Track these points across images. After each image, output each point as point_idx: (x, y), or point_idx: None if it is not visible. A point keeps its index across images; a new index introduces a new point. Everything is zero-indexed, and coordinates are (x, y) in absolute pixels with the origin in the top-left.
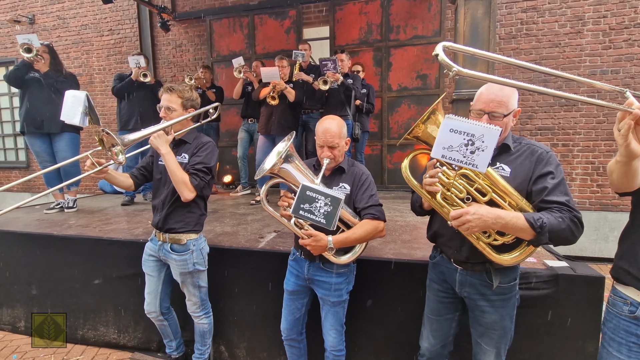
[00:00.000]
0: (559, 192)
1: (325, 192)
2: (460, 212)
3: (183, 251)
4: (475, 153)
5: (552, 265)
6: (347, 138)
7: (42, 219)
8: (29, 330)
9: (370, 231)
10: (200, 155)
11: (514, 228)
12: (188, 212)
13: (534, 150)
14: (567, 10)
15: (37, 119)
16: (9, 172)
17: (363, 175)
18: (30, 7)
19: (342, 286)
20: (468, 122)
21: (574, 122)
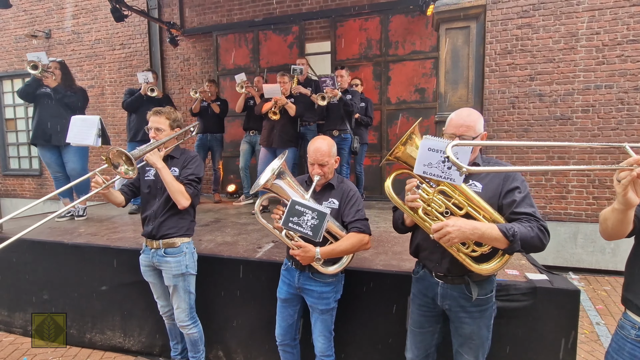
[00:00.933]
0: (526, 204)
1: (313, 207)
2: (441, 225)
3: (177, 253)
4: (451, 169)
5: (531, 278)
6: (336, 157)
7: (53, 226)
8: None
9: (355, 244)
10: (190, 167)
11: (489, 238)
12: (181, 219)
13: None
14: (561, 27)
15: (47, 132)
16: (23, 179)
17: (351, 191)
18: (47, 22)
19: (330, 295)
20: (443, 141)
21: (570, 136)
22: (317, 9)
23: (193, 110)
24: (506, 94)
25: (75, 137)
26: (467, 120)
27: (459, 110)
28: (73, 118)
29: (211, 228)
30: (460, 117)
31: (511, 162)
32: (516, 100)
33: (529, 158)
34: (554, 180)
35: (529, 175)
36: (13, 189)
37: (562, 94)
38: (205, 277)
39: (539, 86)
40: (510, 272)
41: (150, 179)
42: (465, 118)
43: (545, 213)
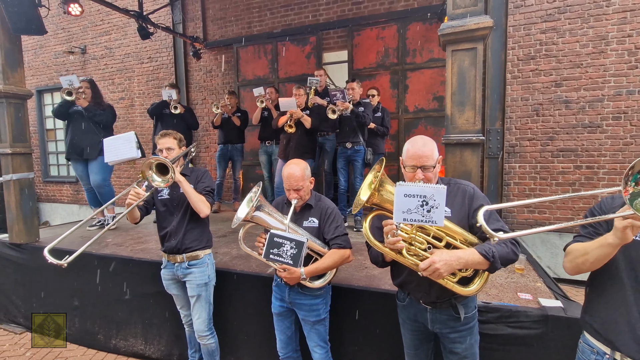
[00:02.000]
0: (493, 220)
1: (290, 237)
2: (428, 263)
3: (201, 264)
4: (431, 212)
5: (544, 305)
6: (310, 178)
7: (84, 235)
8: (72, 337)
9: (337, 260)
10: (204, 181)
11: (473, 263)
12: (201, 232)
13: (464, 189)
14: (589, 30)
15: (79, 147)
16: (61, 185)
17: (329, 209)
18: (82, 39)
19: (320, 306)
20: (418, 185)
21: (599, 144)
22: (334, 19)
23: (214, 123)
24: (529, 101)
25: (115, 156)
26: (425, 150)
27: (414, 139)
28: (105, 140)
29: (228, 240)
30: (417, 148)
31: (535, 171)
32: (540, 107)
33: (555, 168)
34: (583, 191)
35: (554, 185)
36: (52, 194)
37: (591, 101)
38: (220, 290)
39: (565, 92)
40: (523, 296)
41: (165, 198)
42: (422, 148)
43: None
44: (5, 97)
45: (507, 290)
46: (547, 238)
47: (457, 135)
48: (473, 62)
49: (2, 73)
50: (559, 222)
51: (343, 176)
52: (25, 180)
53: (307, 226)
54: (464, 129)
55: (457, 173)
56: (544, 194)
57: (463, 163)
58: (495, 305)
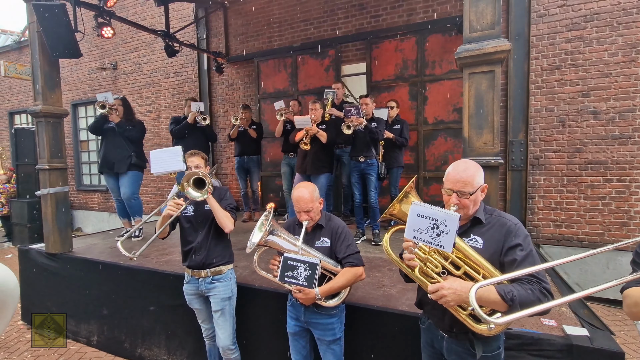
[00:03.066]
0: (528, 263)
1: (304, 259)
2: (436, 287)
3: (224, 279)
4: (440, 236)
5: (569, 333)
6: (320, 199)
7: (113, 246)
8: (101, 344)
9: (350, 278)
10: (227, 199)
11: (487, 301)
12: (224, 248)
13: (504, 223)
14: (618, 39)
15: (110, 161)
16: (93, 194)
17: (339, 228)
18: (113, 55)
19: (335, 325)
20: (432, 208)
21: (631, 156)
22: (352, 32)
23: (231, 136)
24: (554, 112)
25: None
26: (464, 175)
27: (456, 163)
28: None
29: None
30: (457, 172)
31: (561, 184)
32: (566, 118)
33: (583, 181)
34: (613, 205)
35: (582, 199)
36: (85, 202)
37: (621, 111)
38: (240, 304)
39: (593, 103)
40: (546, 322)
41: (190, 215)
42: (462, 173)
43: (602, 241)
44: (44, 117)
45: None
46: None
47: (474, 157)
48: (491, 85)
49: (42, 94)
50: (588, 237)
51: (357, 190)
52: (60, 193)
53: (319, 246)
54: (481, 152)
55: None
56: (570, 207)
57: None
58: (517, 332)
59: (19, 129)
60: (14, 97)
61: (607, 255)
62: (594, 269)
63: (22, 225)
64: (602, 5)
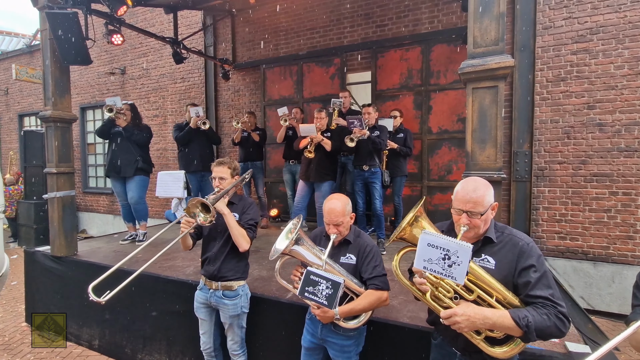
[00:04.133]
0: (542, 285)
1: (327, 276)
2: (449, 313)
3: (234, 296)
4: (452, 267)
5: (571, 350)
6: (351, 214)
7: (117, 250)
8: (102, 348)
9: (373, 301)
10: (249, 213)
11: (501, 327)
12: (238, 262)
13: (516, 243)
14: (624, 51)
15: (117, 165)
16: (98, 196)
17: (367, 246)
18: (122, 60)
19: (351, 348)
20: (443, 237)
21: (637, 169)
22: (358, 41)
23: (234, 140)
24: (560, 124)
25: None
26: (474, 196)
27: (466, 182)
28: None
29: (250, 259)
30: (466, 192)
31: (566, 196)
32: (571, 130)
33: (588, 193)
34: (619, 218)
35: (587, 211)
36: (90, 204)
37: (627, 124)
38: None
39: (599, 115)
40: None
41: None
42: (472, 194)
43: (608, 254)
44: (54, 122)
45: None
46: (580, 267)
47: (477, 172)
48: (494, 100)
49: (52, 100)
50: (593, 250)
51: (361, 198)
52: (67, 197)
53: (343, 262)
54: (484, 166)
55: None
56: (575, 219)
57: None
58: None
59: (28, 132)
60: (24, 100)
61: (613, 269)
62: (600, 283)
63: (29, 227)
64: (608, 18)
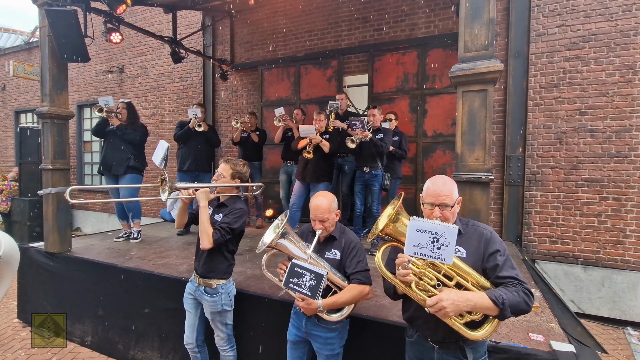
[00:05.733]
0: (508, 267)
1: (311, 269)
2: (435, 300)
3: (214, 294)
4: (441, 249)
5: (555, 349)
6: (337, 211)
7: (111, 247)
8: (94, 345)
9: (356, 295)
10: (229, 217)
11: (481, 307)
12: (219, 262)
13: (481, 232)
14: (616, 59)
15: (109, 163)
16: (94, 194)
17: (352, 243)
18: (120, 59)
19: (335, 341)
20: (430, 222)
21: (627, 175)
22: (355, 44)
23: (234, 139)
24: (552, 129)
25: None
26: (444, 190)
27: (434, 178)
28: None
29: (243, 258)
30: (437, 187)
31: (557, 201)
32: (564, 135)
33: (579, 198)
34: (609, 223)
35: (578, 216)
36: (85, 202)
37: (618, 130)
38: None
39: (590, 121)
40: (534, 337)
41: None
42: (442, 187)
43: (598, 258)
44: (50, 118)
45: (519, 329)
46: (571, 271)
47: (466, 173)
48: (483, 104)
49: (49, 96)
50: (583, 254)
51: (360, 199)
52: (62, 194)
53: (328, 257)
54: (473, 168)
55: (467, 210)
56: (567, 224)
57: (472, 201)
58: (504, 346)
59: (23, 128)
60: (21, 97)
61: (603, 274)
62: (589, 287)
63: (22, 223)
64: (600, 26)
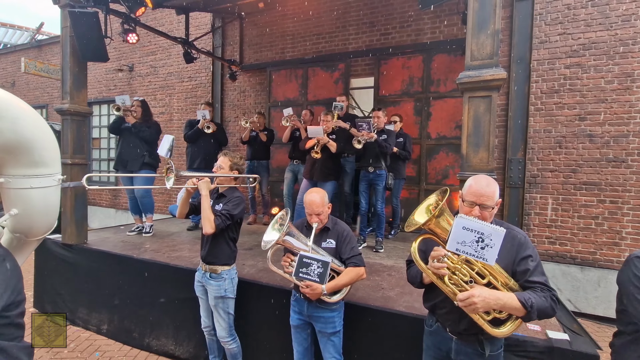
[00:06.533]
0: (539, 272)
1: (318, 258)
2: (467, 295)
3: (218, 278)
4: (485, 249)
5: (551, 337)
6: (329, 204)
7: (125, 240)
8: (110, 333)
9: (353, 277)
10: (228, 205)
11: (510, 307)
12: (222, 250)
13: (515, 236)
14: (615, 67)
15: (124, 159)
16: (102, 190)
17: (344, 232)
18: (131, 58)
19: (336, 319)
20: (478, 222)
21: (624, 179)
22: (362, 48)
23: (243, 139)
24: (552, 133)
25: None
26: (487, 190)
27: (478, 177)
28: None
29: (254, 253)
30: (481, 187)
31: (556, 203)
32: (563, 140)
33: (577, 200)
34: (606, 225)
35: (576, 218)
36: (93, 198)
37: (616, 136)
38: (247, 299)
39: (589, 126)
40: (532, 327)
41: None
42: (485, 188)
43: (595, 259)
44: (70, 115)
45: None
46: (568, 271)
47: (471, 173)
48: (488, 109)
49: (69, 94)
50: (581, 255)
51: (364, 199)
52: (79, 187)
53: (325, 247)
54: (477, 168)
55: None
56: (565, 225)
57: None
58: None
59: None
60: (31, 93)
61: (599, 274)
62: (586, 287)
63: None
64: (600, 35)
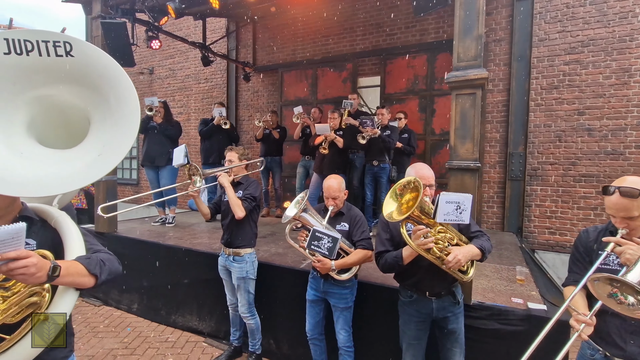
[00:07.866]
0: (474, 224)
1: (328, 233)
2: (453, 256)
3: (241, 261)
4: (462, 213)
5: (531, 307)
6: (345, 191)
7: (151, 229)
8: (139, 311)
9: (361, 257)
10: (249, 189)
11: (474, 255)
12: (245, 232)
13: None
14: (612, 63)
15: (151, 156)
16: (124, 187)
17: (357, 216)
18: (150, 61)
19: (348, 296)
20: (454, 194)
21: (622, 171)
22: (369, 48)
23: (257, 137)
24: (552, 128)
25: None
26: (429, 174)
27: (420, 165)
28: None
29: (267, 240)
30: (424, 173)
31: (556, 194)
32: (563, 134)
33: (577, 192)
34: (604, 216)
35: (576, 209)
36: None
37: (614, 129)
38: (262, 280)
39: (588, 121)
40: (515, 300)
41: (225, 200)
42: (427, 172)
43: None
44: None
45: (504, 294)
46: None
47: (458, 162)
48: (473, 104)
49: None
50: None
51: (370, 190)
52: (110, 181)
53: (338, 229)
54: (464, 157)
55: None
56: (564, 216)
57: (463, 185)
58: (488, 305)
59: None
60: None
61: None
62: None
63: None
64: (598, 32)
